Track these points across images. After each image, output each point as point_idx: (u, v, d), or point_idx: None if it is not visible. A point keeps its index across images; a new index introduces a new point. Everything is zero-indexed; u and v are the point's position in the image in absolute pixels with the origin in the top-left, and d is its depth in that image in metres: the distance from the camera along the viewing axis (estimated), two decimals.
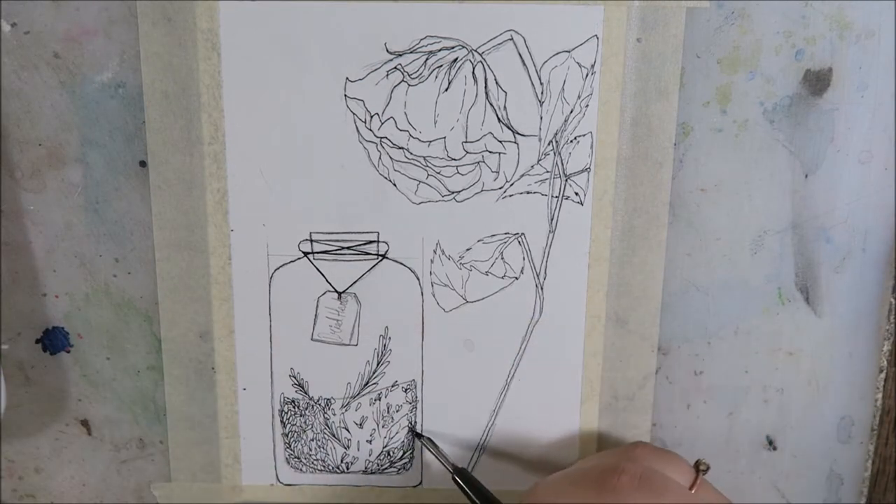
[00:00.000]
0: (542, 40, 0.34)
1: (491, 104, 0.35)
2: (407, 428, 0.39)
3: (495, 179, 0.36)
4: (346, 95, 0.35)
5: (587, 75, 0.35)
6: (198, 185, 0.36)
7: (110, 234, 0.36)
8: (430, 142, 0.35)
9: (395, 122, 0.35)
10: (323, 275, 0.37)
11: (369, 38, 0.34)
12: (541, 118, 0.35)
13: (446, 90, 0.35)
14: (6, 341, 0.38)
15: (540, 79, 0.35)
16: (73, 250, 0.37)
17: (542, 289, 0.37)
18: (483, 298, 0.37)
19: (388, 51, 0.34)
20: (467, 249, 0.37)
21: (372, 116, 0.35)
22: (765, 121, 0.36)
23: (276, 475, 0.40)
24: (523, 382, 0.38)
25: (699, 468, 0.34)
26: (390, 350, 0.38)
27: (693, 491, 0.33)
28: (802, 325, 0.39)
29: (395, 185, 0.36)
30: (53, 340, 0.38)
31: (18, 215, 0.36)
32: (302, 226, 0.36)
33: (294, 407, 0.39)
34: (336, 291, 0.37)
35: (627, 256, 0.37)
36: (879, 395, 0.40)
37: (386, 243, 0.37)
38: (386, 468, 0.40)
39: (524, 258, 0.37)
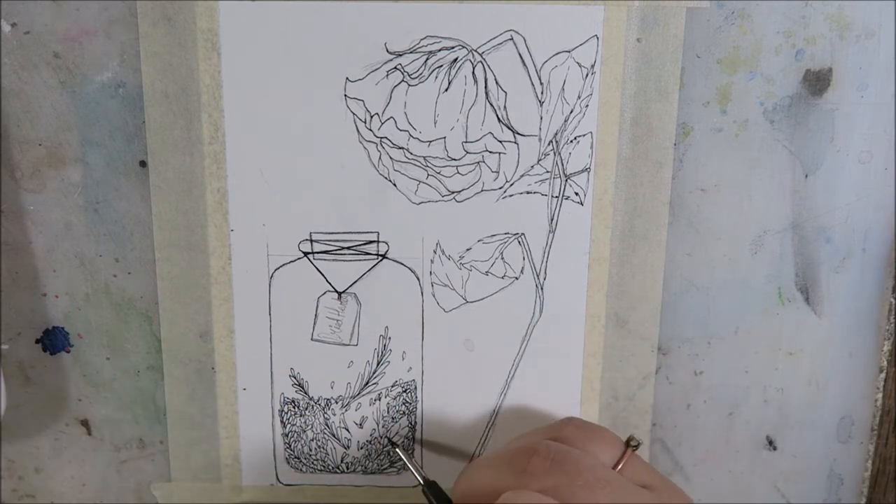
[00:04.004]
0: (542, 40, 0.34)
1: (491, 104, 0.35)
2: (386, 438, 0.39)
3: (495, 179, 0.36)
4: (346, 95, 0.35)
5: (587, 75, 0.35)
6: (198, 185, 0.36)
7: (110, 234, 0.36)
8: (430, 142, 0.35)
9: (395, 122, 0.35)
10: (323, 275, 0.37)
11: (369, 38, 0.34)
12: (541, 118, 0.35)
13: (446, 90, 0.35)
14: (6, 341, 0.38)
15: (540, 79, 0.35)
16: (73, 250, 0.37)
17: (542, 289, 0.37)
18: (483, 298, 0.37)
19: (388, 51, 0.34)
20: (467, 249, 0.37)
21: (372, 116, 0.35)
22: (765, 121, 0.36)
23: (276, 475, 0.40)
24: (523, 382, 0.38)
25: (629, 444, 0.33)
26: (390, 350, 0.38)
27: (619, 468, 0.32)
28: (802, 325, 0.39)
29: (395, 185, 0.36)
30: (53, 340, 0.38)
31: (18, 215, 0.36)
32: (302, 226, 0.36)
33: (294, 407, 0.39)
34: (336, 291, 0.37)
35: (627, 256, 0.37)
36: (879, 395, 0.40)
37: (386, 243, 0.37)
38: (386, 468, 0.40)
39: (524, 258, 0.37)
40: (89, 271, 0.37)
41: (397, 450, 0.38)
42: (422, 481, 0.36)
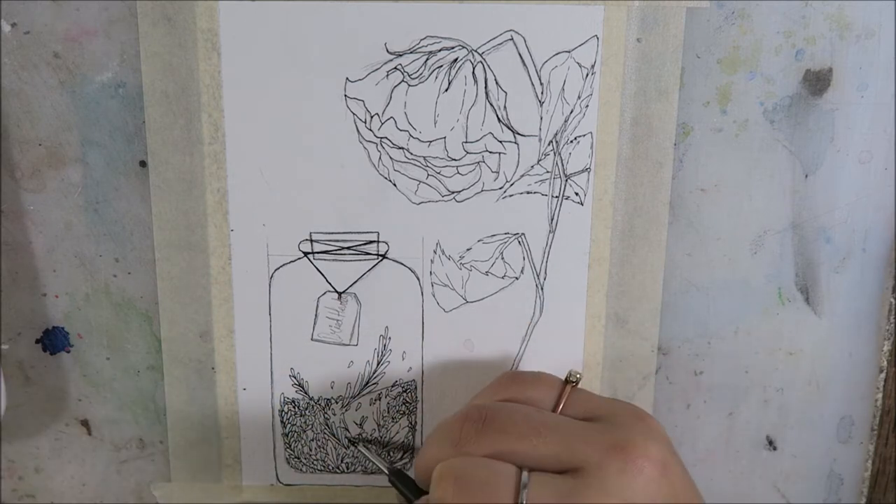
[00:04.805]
0: (542, 40, 0.34)
1: (491, 104, 0.35)
2: (347, 440, 0.39)
3: (495, 179, 0.36)
4: (346, 95, 0.35)
5: (587, 75, 0.35)
6: (198, 185, 0.36)
7: (110, 234, 0.36)
8: (430, 142, 0.35)
9: (395, 122, 0.35)
10: (323, 275, 0.37)
11: (369, 38, 0.34)
12: (541, 118, 0.35)
13: (446, 90, 0.35)
14: (6, 341, 0.38)
15: (540, 79, 0.35)
16: (73, 250, 0.37)
17: (542, 289, 0.37)
18: (483, 298, 0.37)
19: (388, 51, 0.34)
20: (467, 249, 0.37)
21: (372, 116, 0.35)
22: (765, 121, 0.36)
23: (276, 475, 0.40)
24: None
25: (567, 381, 0.32)
26: (390, 350, 0.38)
27: (559, 409, 0.31)
28: (802, 325, 0.39)
29: (395, 185, 0.36)
30: (53, 340, 0.38)
31: (18, 215, 0.36)
32: (302, 226, 0.36)
33: (294, 407, 0.39)
34: (336, 291, 0.37)
35: (627, 256, 0.37)
36: (879, 395, 0.40)
37: (386, 243, 0.37)
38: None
39: (524, 258, 0.37)
40: (89, 271, 0.37)
41: (358, 447, 0.38)
42: (386, 470, 0.35)
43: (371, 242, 0.37)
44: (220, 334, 0.38)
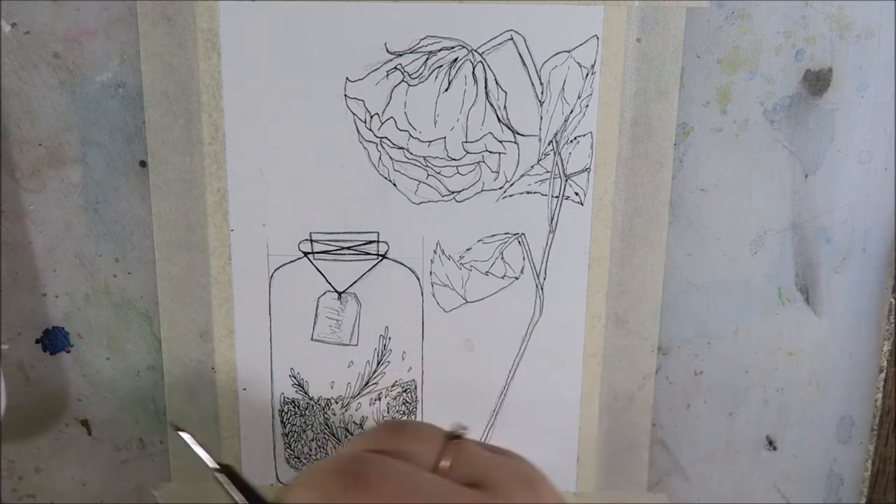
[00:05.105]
0: (542, 40, 0.34)
1: (491, 104, 0.35)
2: (172, 425, 0.36)
3: (495, 179, 0.36)
4: (346, 95, 0.35)
5: (587, 75, 0.35)
6: (198, 185, 0.36)
7: (110, 234, 0.36)
8: (430, 142, 0.35)
9: (395, 122, 0.35)
10: (323, 275, 0.37)
11: (369, 38, 0.34)
12: (541, 118, 0.35)
13: (446, 90, 0.35)
14: (6, 341, 0.38)
15: (540, 79, 0.35)
16: (73, 250, 0.37)
17: (542, 289, 0.37)
18: (483, 298, 0.37)
19: (388, 51, 0.34)
20: (467, 249, 0.37)
21: (372, 116, 0.35)
22: (765, 121, 0.36)
23: (276, 475, 0.40)
24: (523, 382, 0.38)
25: (452, 437, 0.28)
26: (390, 350, 0.38)
27: (439, 468, 0.27)
28: (802, 325, 0.39)
29: (395, 185, 0.36)
30: (53, 340, 0.38)
31: (18, 215, 0.36)
32: (302, 226, 0.36)
33: (294, 407, 0.39)
34: (336, 291, 0.37)
35: (627, 256, 0.37)
36: (879, 395, 0.40)
37: (386, 243, 0.37)
38: None
39: (524, 258, 0.37)
40: (89, 271, 0.37)
41: (181, 434, 0.31)
42: (212, 466, 0.30)
43: (371, 242, 0.37)
44: (220, 334, 0.38)
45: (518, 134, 0.35)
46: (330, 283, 0.37)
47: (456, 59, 0.34)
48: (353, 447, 0.30)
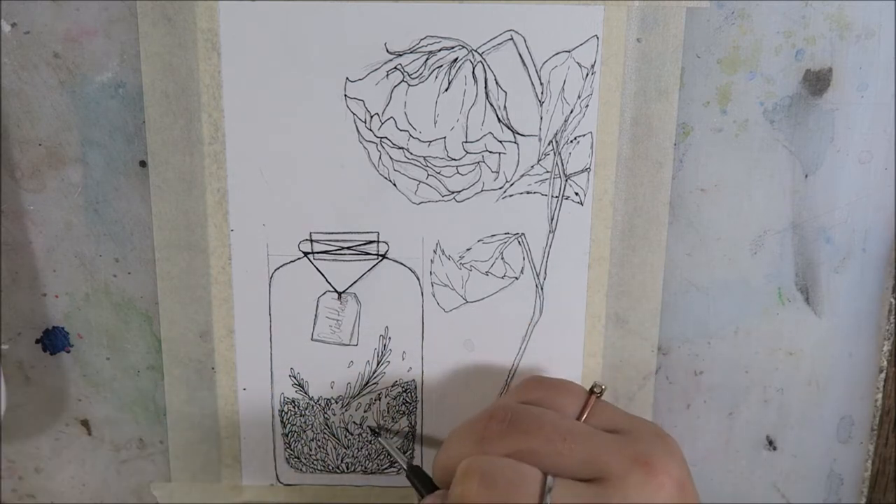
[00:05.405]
0: (542, 40, 0.34)
1: (491, 104, 0.35)
2: (369, 429, 0.39)
3: (495, 179, 0.36)
4: (346, 95, 0.35)
5: (587, 75, 0.35)
6: (198, 185, 0.36)
7: (110, 234, 0.36)
8: (430, 142, 0.35)
9: (395, 122, 0.35)
10: (323, 275, 0.37)
11: (369, 38, 0.34)
12: (541, 118, 0.35)
13: (446, 90, 0.35)
14: (6, 341, 0.38)
15: (540, 79, 0.35)
16: (73, 250, 0.37)
17: (542, 289, 0.37)
18: (483, 298, 0.37)
19: (388, 51, 0.34)
20: (467, 249, 0.37)
21: (372, 116, 0.35)
22: (765, 121, 0.36)
23: (276, 475, 0.40)
24: None
25: (592, 391, 0.32)
26: (390, 350, 0.38)
27: (583, 418, 0.31)
28: (802, 325, 0.39)
29: (395, 185, 0.36)
30: (53, 340, 0.38)
31: (18, 215, 0.36)
32: (302, 226, 0.36)
33: (294, 407, 0.39)
34: (336, 291, 0.37)
35: (627, 256, 0.37)
36: (879, 395, 0.40)
37: (386, 243, 0.37)
38: (386, 468, 0.40)
39: (524, 258, 0.37)
40: (89, 271, 0.37)
41: (379, 439, 0.38)
42: (405, 466, 0.35)
43: (371, 242, 0.37)
44: (220, 334, 0.38)
45: (518, 134, 0.35)
46: (330, 283, 0.37)
47: (456, 59, 0.34)
48: (502, 400, 0.32)
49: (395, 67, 0.34)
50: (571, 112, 0.35)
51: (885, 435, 0.40)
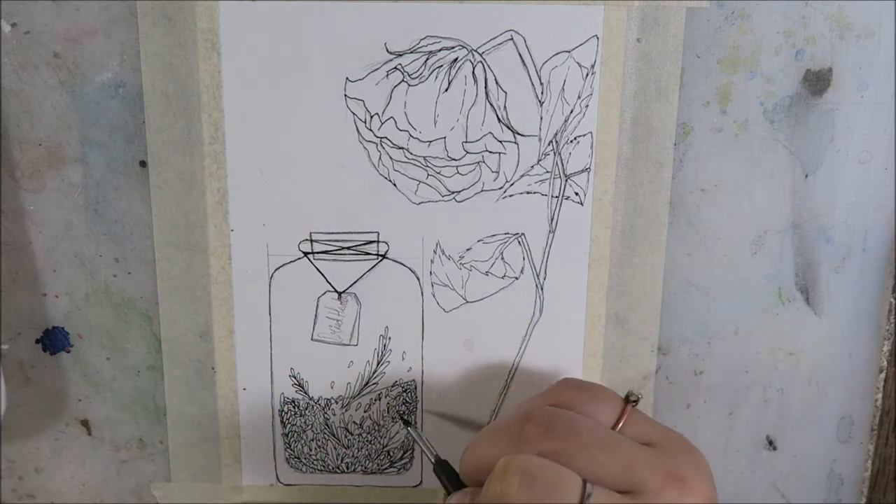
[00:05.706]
0: (542, 40, 0.34)
1: (491, 104, 0.35)
2: (399, 419, 0.39)
3: (495, 179, 0.36)
4: (346, 95, 0.35)
5: (587, 75, 0.35)
6: (198, 185, 0.36)
7: (110, 234, 0.36)
8: (430, 142, 0.35)
9: (395, 122, 0.35)
10: (323, 275, 0.37)
11: (369, 38, 0.34)
12: (541, 118, 0.35)
13: (446, 90, 0.35)
14: (6, 341, 0.38)
15: (540, 79, 0.35)
16: (73, 250, 0.37)
17: (542, 289, 0.37)
18: (483, 298, 0.37)
19: (388, 51, 0.34)
20: (467, 249, 0.37)
21: (372, 116, 0.35)
22: (765, 121, 0.36)
23: (276, 475, 0.40)
24: (523, 382, 0.38)
25: (628, 400, 0.32)
26: (390, 350, 0.38)
27: (619, 427, 0.31)
28: (802, 325, 0.39)
29: (395, 185, 0.36)
30: (53, 340, 0.38)
31: (18, 215, 0.36)
32: (302, 226, 0.36)
33: (294, 407, 0.39)
34: (336, 291, 0.37)
35: (627, 256, 0.37)
36: (879, 395, 0.40)
37: (386, 243, 0.37)
38: (386, 468, 0.40)
39: (524, 258, 0.37)
40: (89, 271, 0.37)
41: (409, 429, 0.37)
42: (433, 460, 0.34)
43: (371, 242, 0.37)
44: (220, 334, 0.38)
45: (518, 134, 0.35)
46: (330, 283, 0.37)
47: (456, 59, 0.34)
48: (535, 402, 0.32)
49: (395, 67, 0.34)
50: (571, 112, 0.35)
51: (885, 435, 0.40)
